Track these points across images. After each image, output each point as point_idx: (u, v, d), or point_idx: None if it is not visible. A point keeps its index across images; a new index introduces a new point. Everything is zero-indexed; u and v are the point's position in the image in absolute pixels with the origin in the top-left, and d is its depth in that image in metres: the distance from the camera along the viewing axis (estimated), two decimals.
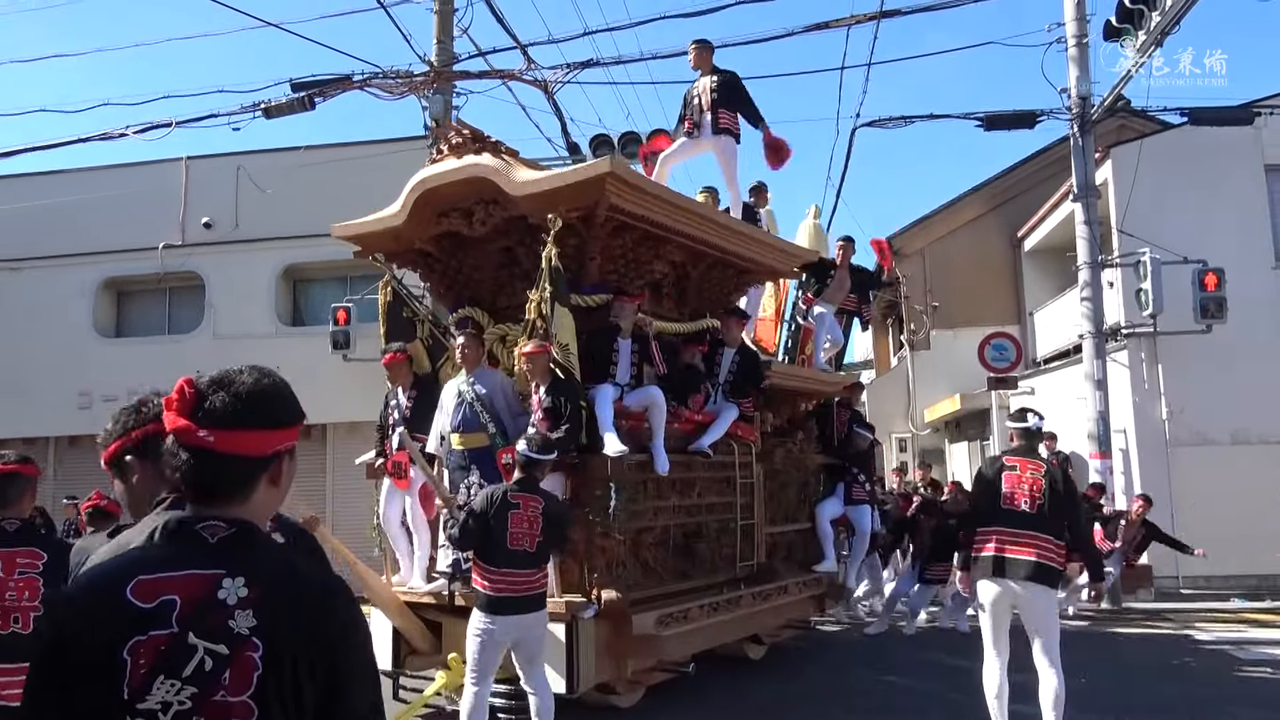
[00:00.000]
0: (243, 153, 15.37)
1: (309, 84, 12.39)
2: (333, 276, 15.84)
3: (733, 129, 8.00)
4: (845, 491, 9.01)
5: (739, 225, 7.88)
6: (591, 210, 6.26)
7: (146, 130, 12.51)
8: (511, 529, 4.92)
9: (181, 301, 16.02)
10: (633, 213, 6.45)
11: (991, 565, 5.23)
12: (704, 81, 8.09)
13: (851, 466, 9.12)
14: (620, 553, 6.18)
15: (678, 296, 7.70)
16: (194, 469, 1.46)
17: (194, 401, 1.46)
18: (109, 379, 15.02)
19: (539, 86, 12.60)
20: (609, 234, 6.59)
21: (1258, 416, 12.89)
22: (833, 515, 8.93)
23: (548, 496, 5.20)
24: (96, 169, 16.03)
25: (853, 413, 9.68)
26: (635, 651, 6.01)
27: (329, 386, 14.40)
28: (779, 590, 7.71)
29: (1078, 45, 12.38)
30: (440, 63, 12.39)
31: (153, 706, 1.31)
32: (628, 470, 6.13)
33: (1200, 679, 7.55)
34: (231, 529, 1.44)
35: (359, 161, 14.22)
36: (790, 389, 8.81)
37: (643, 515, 6.45)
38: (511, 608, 4.93)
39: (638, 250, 6.93)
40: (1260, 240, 13.39)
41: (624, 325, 6.57)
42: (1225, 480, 12.22)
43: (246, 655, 1.34)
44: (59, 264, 15.57)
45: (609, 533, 6.01)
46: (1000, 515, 5.26)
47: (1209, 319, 12.32)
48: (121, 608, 1.33)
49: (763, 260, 8.08)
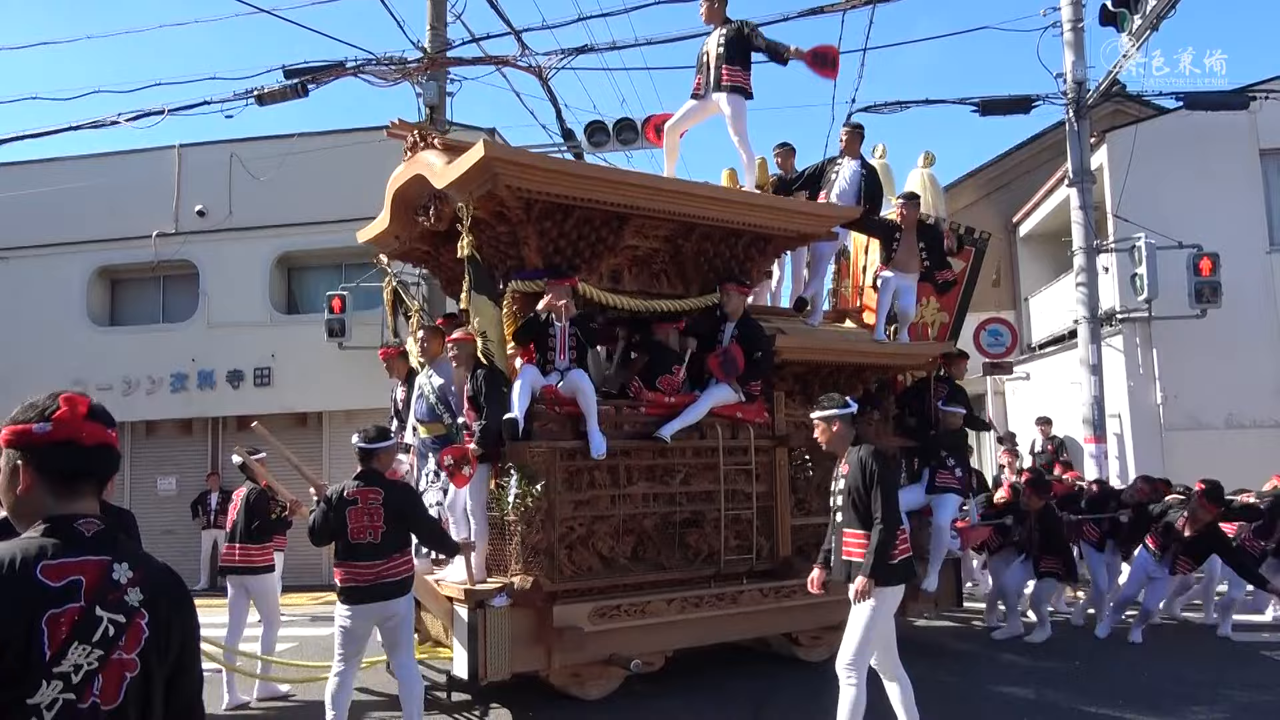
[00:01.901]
0: (236, 140, 15.32)
1: (302, 71, 12.31)
2: (327, 264, 15.81)
3: (740, 85, 7.36)
4: (930, 477, 7.97)
5: (713, 190, 7.22)
6: (493, 194, 6.15)
7: (139, 118, 12.43)
8: (351, 524, 5.12)
9: (175, 290, 15.98)
10: (542, 191, 6.18)
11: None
12: (713, 37, 7.50)
13: (940, 449, 8.03)
14: (547, 541, 6.07)
15: (677, 273, 7.30)
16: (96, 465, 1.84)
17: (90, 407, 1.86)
18: (103, 368, 15.01)
19: (533, 73, 12.53)
20: (538, 217, 6.38)
21: (1252, 400, 12.93)
22: (909, 506, 7.43)
23: (391, 487, 5.32)
24: (89, 157, 15.96)
25: (951, 388, 8.56)
26: (560, 644, 5.92)
27: (324, 374, 14.42)
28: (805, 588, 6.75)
29: (1073, 30, 12.39)
30: (434, 49, 12.33)
31: (67, 669, 1.61)
32: (540, 456, 6.06)
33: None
34: (102, 525, 1.77)
35: (353, 148, 14.18)
36: (845, 364, 7.96)
37: (597, 504, 6.34)
38: (361, 597, 5.12)
39: (590, 230, 6.63)
40: (1255, 225, 13.39)
41: (559, 309, 6.34)
42: (1219, 464, 12.22)
43: (137, 622, 1.71)
44: (51, 252, 15.51)
45: (524, 520, 5.98)
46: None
47: (1204, 304, 12.36)
48: (35, 587, 1.63)
49: (771, 225, 7.31)
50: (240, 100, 12.26)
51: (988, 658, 7.76)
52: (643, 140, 12.06)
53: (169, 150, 15.49)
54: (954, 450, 8.06)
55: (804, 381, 7.85)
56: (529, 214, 6.36)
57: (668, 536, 6.69)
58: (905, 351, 8.45)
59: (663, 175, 7.72)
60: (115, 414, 1.96)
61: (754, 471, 7.08)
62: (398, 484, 5.48)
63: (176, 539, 14.47)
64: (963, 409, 8.28)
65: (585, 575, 6.28)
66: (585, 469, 6.32)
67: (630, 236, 6.85)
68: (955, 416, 8.16)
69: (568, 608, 6.03)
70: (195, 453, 15.41)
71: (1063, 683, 6.83)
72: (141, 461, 15.25)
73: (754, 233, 7.33)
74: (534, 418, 6.18)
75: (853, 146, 8.55)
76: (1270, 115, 12.89)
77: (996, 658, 7.75)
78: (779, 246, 7.84)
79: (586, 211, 6.50)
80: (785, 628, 7.23)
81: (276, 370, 14.88)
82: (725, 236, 7.26)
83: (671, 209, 6.75)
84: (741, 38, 7.38)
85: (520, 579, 5.97)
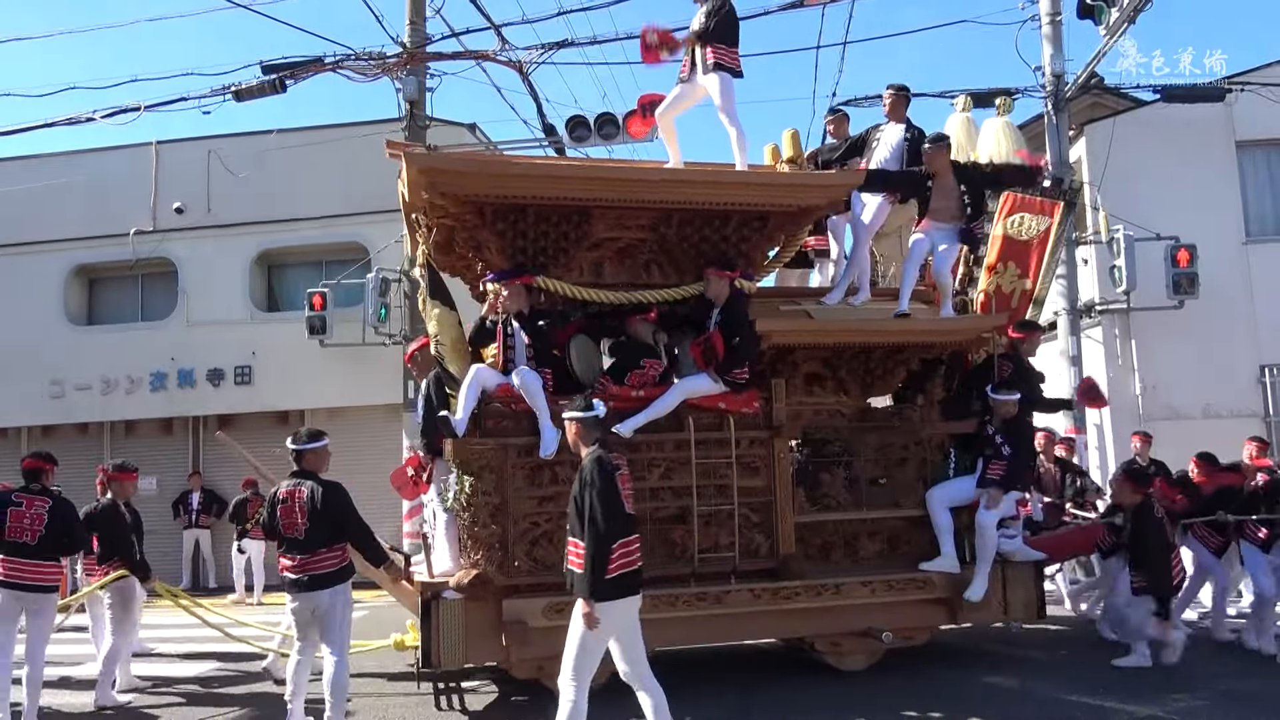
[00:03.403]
0: (214, 136, 15.19)
1: (280, 66, 12.22)
2: (308, 261, 15.72)
3: (727, 63, 6.96)
4: (982, 469, 7.05)
5: (671, 173, 6.85)
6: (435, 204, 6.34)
7: (115, 114, 12.31)
8: (282, 520, 5.59)
9: (154, 288, 15.85)
10: (488, 194, 6.25)
11: None
12: (697, 15, 7.16)
13: (991, 437, 7.07)
14: (500, 535, 6.16)
15: (669, 261, 7.02)
16: None
17: None
18: (81, 367, 14.88)
19: (514, 67, 12.48)
20: (492, 219, 6.43)
21: (1229, 390, 13.08)
22: (956, 501, 7.00)
23: (319, 485, 5.64)
24: (65, 154, 15.81)
25: (1017, 367, 7.45)
26: (511, 638, 5.98)
27: (306, 372, 14.34)
28: (811, 590, 6.52)
29: (1051, 23, 12.48)
30: (413, 44, 12.27)
31: None
32: (485, 453, 6.17)
33: None
34: None
35: (332, 144, 14.09)
36: (875, 346, 7.19)
37: (561, 500, 6.14)
38: (297, 587, 5.59)
39: (549, 227, 6.56)
40: (1231, 216, 13.53)
41: (512, 308, 6.42)
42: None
43: None
44: (28, 251, 15.36)
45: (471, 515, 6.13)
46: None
47: (1181, 295, 12.47)
48: None
49: (755, 202, 6.74)
50: (218, 96, 12.18)
51: (973, 646, 7.81)
52: (624, 135, 12.04)
53: (146, 147, 15.35)
54: (1012, 438, 7.03)
55: (832, 366, 7.29)
56: (482, 218, 6.44)
57: (650, 533, 6.45)
58: (935, 328, 7.30)
59: (617, 163, 7.58)
60: (93, 414, 1.95)
61: (747, 464, 6.70)
62: (328, 484, 5.71)
63: (158, 539, 14.31)
64: (1017, 394, 7.11)
65: (545, 571, 6.23)
66: (547, 465, 6.29)
67: (605, 229, 6.73)
68: (1007, 404, 7.06)
69: (516, 602, 6.06)
70: (176, 452, 15.29)
71: (1047, 672, 6.88)
72: None
73: (742, 212, 6.82)
74: (487, 416, 6.29)
75: (898, 110, 7.81)
76: (1246, 107, 13.01)
77: (981, 646, 7.80)
78: (778, 224, 7.14)
79: (541, 209, 6.46)
80: (791, 633, 6.82)
81: (257, 368, 14.79)
82: (710, 220, 6.83)
83: (629, 197, 6.54)
84: (722, 14, 7.02)
85: (460, 574, 6.07)
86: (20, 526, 6.02)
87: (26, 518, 6.05)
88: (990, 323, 7.47)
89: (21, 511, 6.06)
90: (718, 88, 6.90)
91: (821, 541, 7.05)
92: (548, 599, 6.03)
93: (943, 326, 7.32)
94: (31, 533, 6.03)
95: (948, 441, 7.38)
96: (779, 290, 8.29)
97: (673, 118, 7.38)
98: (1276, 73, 12.99)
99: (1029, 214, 7.94)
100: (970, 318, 7.67)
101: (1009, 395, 7.08)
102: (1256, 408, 13.10)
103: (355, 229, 14.77)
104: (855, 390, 7.38)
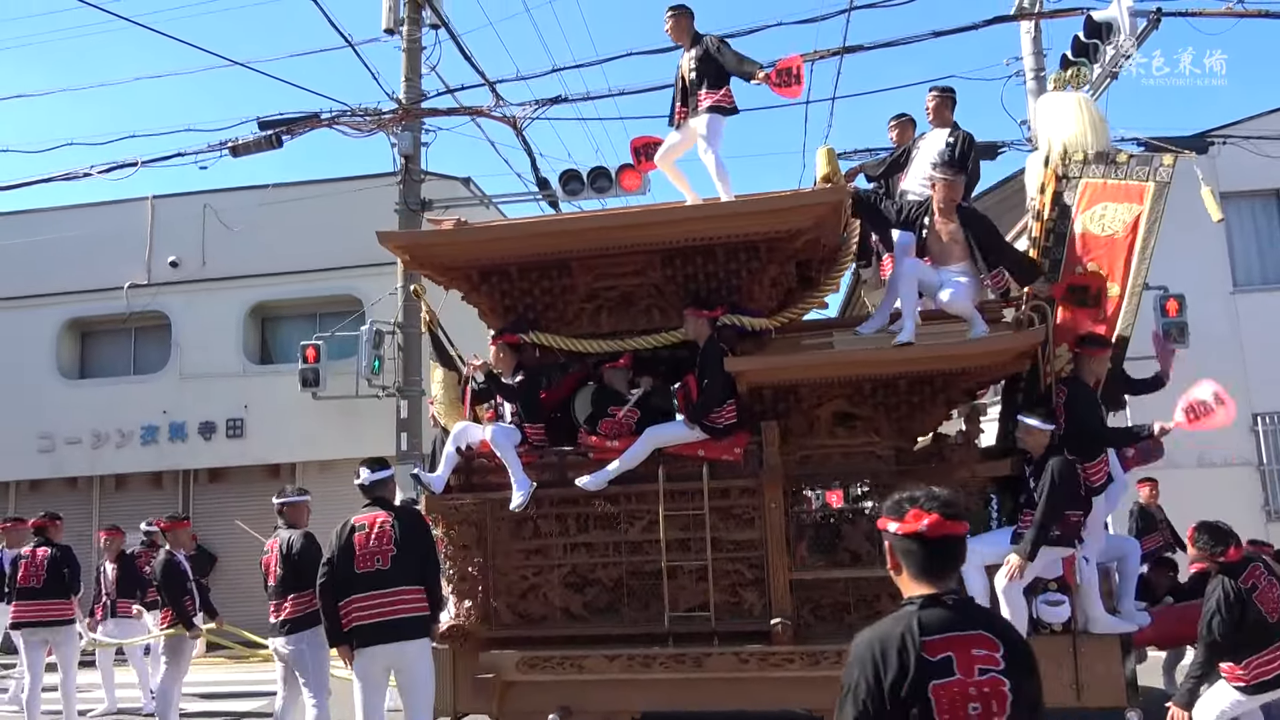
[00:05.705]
0: (210, 191, 15.32)
1: (276, 122, 12.36)
2: (301, 314, 15.75)
3: (720, 104, 6.70)
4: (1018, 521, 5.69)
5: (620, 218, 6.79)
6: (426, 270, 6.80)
7: (112, 170, 12.41)
8: (264, 569, 6.27)
9: (147, 341, 15.84)
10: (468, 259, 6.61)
11: None
12: (685, 61, 6.96)
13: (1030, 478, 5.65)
14: (482, 588, 6.25)
15: (666, 306, 6.64)
16: None
17: None
18: (72, 421, 14.80)
19: (508, 123, 12.64)
20: (479, 281, 6.69)
21: (1221, 439, 13.05)
22: (991, 558, 5.47)
23: (292, 539, 6.12)
24: (60, 209, 15.89)
25: (1073, 391, 6.00)
26: (484, 690, 5.95)
27: (299, 425, 14.28)
28: (803, 657, 5.62)
29: (1036, 79, 12.72)
30: (409, 100, 12.43)
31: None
32: (463, 509, 6.30)
33: None
34: None
35: (327, 199, 14.22)
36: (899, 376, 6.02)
37: (549, 553, 6.29)
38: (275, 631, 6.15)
39: (533, 284, 6.62)
40: (1219, 267, 13.67)
41: (498, 366, 6.48)
42: (1191, 503, 12.32)
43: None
44: (21, 305, 15.38)
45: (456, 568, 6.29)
46: None
47: (1172, 344, 12.52)
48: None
49: (732, 232, 6.18)
50: (214, 152, 12.28)
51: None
52: (617, 188, 12.15)
53: (142, 201, 15.46)
54: (1045, 480, 5.47)
55: (857, 403, 6.26)
56: (470, 281, 6.66)
57: (634, 588, 6.12)
58: (950, 354, 5.88)
59: (587, 214, 7.95)
60: (83, 469, 1.93)
61: (737, 515, 6.08)
62: (296, 535, 6.14)
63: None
64: (1050, 424, 5.64)
65: (526, 625, 6.22)
66: (530, 518, 6.26)
67: (593, 279, 6.57)
68: (1034, 433, 5.62)
69: (492, 655, 5.98)
70: (166, 506, 15.08)
71: None
72: (112, 516, 14.87)
73: (726, 246, 6.27)
74: (473, 471, 6.44)
75: (942, 114, 7.12)
76: (1229, 159, 13.21)
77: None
78: (772, 254, 6.37)
79: (522, 267, 6.55)
80: (790, 703, 5.98)
81: (249, 421, 14.73)
82: (691, 258, 6.39)
83: (598, 245, 6.36)
84: (710, 57, 6.79)
85: (438, 624, 5.97)
86: (29, 574, 7.56)
87: (33, 566, 7.59)
88: (1015, 343, 5.94)
89: (29, 562, 7.62)
90: (705, 126, 6.69)
91: (833, 601, 6.05)
92: (521, 653, 5.96)
93: (951, 351, 5.88)
94: (38, 578, 7.54)
95: (988, 485, 6.04)
96: (810, 324, 7.40)
97: (673, 161, 7.14)
98: (1258, 125, 13.24)
99: (1113, 203, 6.69)
100: (996, 337, 6.04)
101: (1040, 423, 5.62)
102: (1250, 456, 13.12)
103: (349, 282, 14.82)
104: (887, 429, 6.21)
